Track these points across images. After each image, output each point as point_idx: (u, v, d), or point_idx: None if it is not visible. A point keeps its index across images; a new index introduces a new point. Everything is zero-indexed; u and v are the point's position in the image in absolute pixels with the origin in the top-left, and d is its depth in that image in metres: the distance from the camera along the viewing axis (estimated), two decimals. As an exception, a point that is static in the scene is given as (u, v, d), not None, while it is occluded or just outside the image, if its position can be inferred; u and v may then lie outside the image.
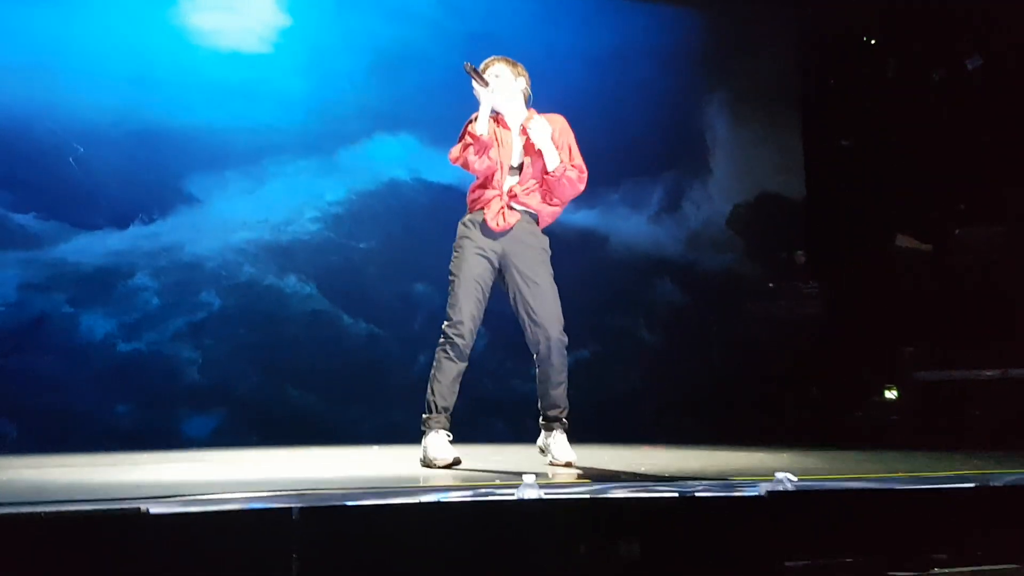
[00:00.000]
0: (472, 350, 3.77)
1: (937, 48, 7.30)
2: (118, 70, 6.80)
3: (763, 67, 8.45)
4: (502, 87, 3.79)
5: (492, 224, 3.71)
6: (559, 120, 3.87)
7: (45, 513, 1.93)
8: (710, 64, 8.42)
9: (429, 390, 3.72)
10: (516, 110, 3.85)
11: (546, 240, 3.84)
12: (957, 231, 6.52)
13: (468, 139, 3.68)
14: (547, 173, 3.77)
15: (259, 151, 7.18)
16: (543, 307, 3.72)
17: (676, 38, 8.38)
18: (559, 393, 3.77)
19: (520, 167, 3.79)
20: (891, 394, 6.58)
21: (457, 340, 3.66)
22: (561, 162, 3.76)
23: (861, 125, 7.68)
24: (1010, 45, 6.80)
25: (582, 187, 3.86)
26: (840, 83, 7.95)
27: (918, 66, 7.43)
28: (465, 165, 3.73)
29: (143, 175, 6.78)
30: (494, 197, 3.74)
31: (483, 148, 3.67)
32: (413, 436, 3.74)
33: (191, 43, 7.09)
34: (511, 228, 3.74)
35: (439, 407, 3.68)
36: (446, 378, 3.68)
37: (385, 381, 7.24)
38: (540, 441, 3.86)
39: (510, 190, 3.77)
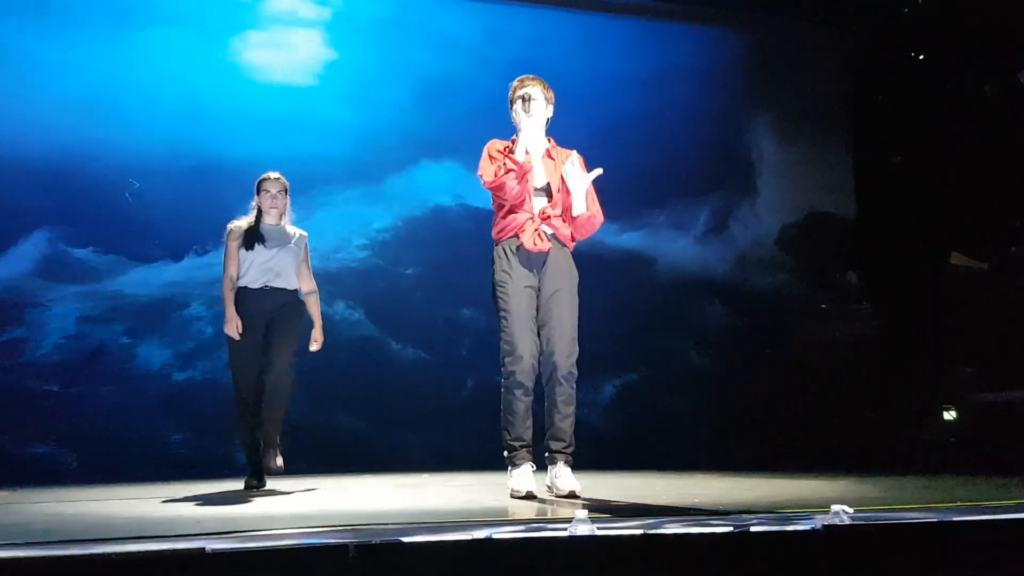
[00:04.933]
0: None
1: (988, 61, 7.17)
2: (172, 105, 7.00)
3: (809, 85, 8.38)
4: (538, 113, 3.86)
5: (529, 246, 3.76)
6: (578, 161, 3.90)
7: (115, 555, 2.00)
8: (755, 83, 8.37)
9: (505, 431, 3.78)
10: (541, 136, 3.92)
11: (576, 272, 3.90)
12: (1013, 248, 6.38)
13: (510, 164, 3.73)
14: (571, 214, 3.85)
15: (308, 181, 7.31)
16: (563, 336, 3.77)
17: (720, 59, 8.36)
18: (565, 426, 3.79)
19: (545, 189, 3.85)
20: (949, 415, 6.43)
21: (522, 378, 3.72)
22: (588, 209, 3.83)
23: (912, 141, 7.56)
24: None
25: (597, 228, 3.97)
26: (889, 99, 7.84)
27: (969, 80, 7.30)
28: (499, 188, 3.76)
29: (197, 207, 6.94)
30: (527, 220, 3.79)
31: (524, 174, 3.73)
32: (462, 462, 3.76)
33: (242, 78, 7.28)
34: (548, 251, 3.79)
35: (517, 446, 3.74)
36: (517, 416, 3.74)
37: (433, 406, 7.27)
38: (547, 478, 3.82)
39: (542, 212, 3.83)
